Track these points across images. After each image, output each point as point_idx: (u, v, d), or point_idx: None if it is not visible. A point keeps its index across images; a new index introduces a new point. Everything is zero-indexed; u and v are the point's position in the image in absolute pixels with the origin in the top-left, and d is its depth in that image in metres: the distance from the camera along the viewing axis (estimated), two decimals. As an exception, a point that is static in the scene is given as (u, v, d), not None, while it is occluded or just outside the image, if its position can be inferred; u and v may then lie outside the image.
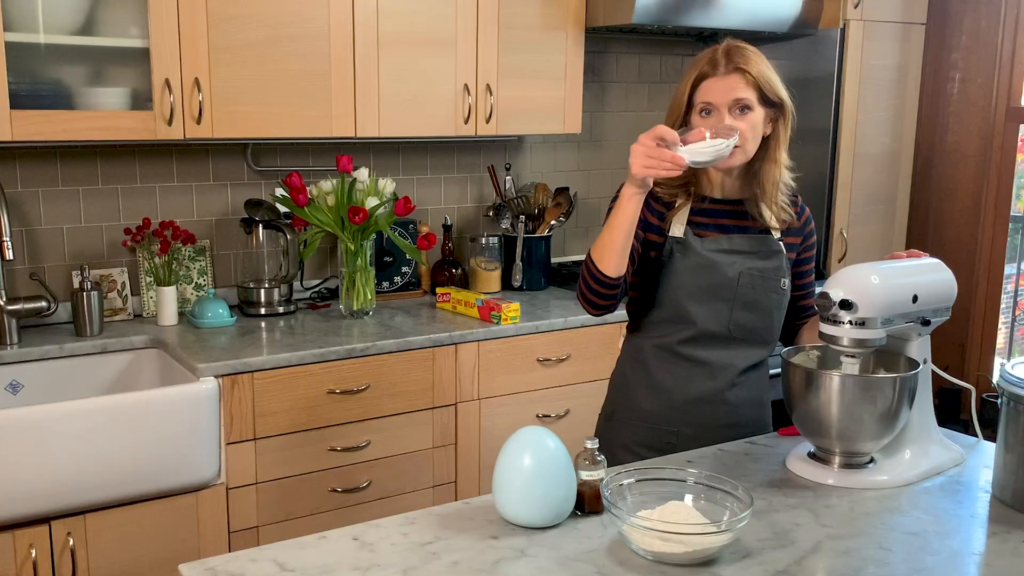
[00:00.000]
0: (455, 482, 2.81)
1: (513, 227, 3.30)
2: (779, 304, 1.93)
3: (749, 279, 1.88)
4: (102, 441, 2.20)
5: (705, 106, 1.83)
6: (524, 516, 1.46)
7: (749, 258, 1.90)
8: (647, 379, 1.95)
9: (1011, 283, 3.82)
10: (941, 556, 1.42)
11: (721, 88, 1.81)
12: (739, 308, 1.89)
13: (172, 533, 2.35)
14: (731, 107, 1.81)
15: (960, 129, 3.77)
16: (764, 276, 1.90)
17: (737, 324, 1.89)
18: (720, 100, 1.81)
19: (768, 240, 1.93)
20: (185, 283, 2.91)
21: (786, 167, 1.92)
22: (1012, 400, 1.59)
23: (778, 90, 1.85)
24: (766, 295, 1.90)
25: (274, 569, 1.34)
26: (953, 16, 3.74)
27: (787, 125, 1.89)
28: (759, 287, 1.89)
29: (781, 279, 1.92)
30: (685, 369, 1.92)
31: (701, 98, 1.83)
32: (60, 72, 2.52)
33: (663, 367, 1.93)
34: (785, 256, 1.95)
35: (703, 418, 1.92)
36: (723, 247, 1.90)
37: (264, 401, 2.46)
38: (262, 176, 3.04)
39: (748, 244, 1.92)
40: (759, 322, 1.91)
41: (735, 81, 1.81)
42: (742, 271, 1.88)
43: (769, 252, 1.92)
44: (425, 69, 2.87)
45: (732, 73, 1.81)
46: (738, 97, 1.81)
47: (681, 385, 1.92)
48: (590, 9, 3.11)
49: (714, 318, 1.88)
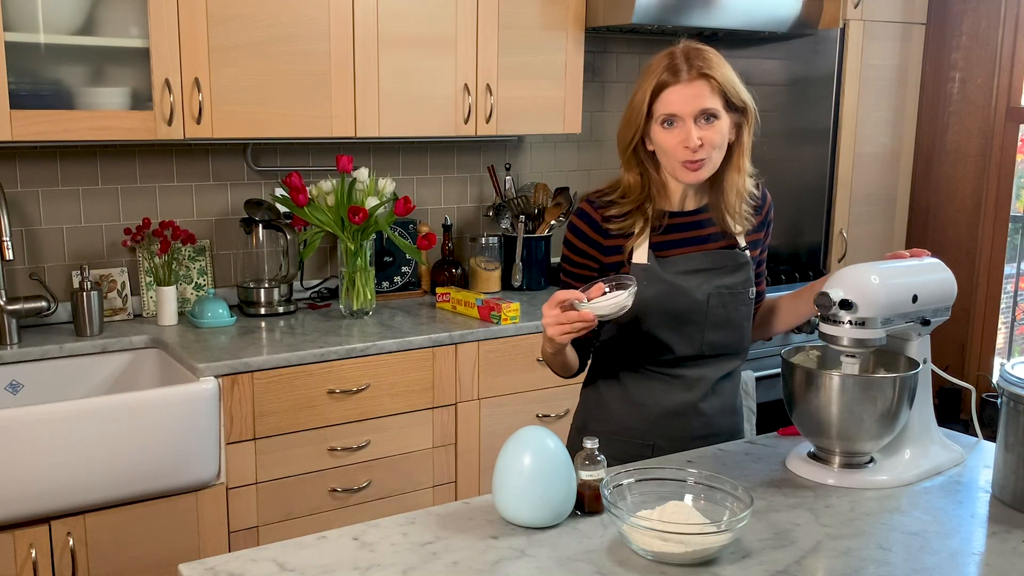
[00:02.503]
0: (455, 482, 2.81)
1: (513, 227, 3.30)
2: (748, 315, 1.88)
3: (719, 298, 1.82)
4: (102, 441, 2.20)
5: (668, 117, 1.70)
6: (524, 516, 1.46)
7: (716, 275, 1.82)
8: (621, 392, 1.89)
9: (1011, 283, 3.82)
10: (941, 556, 1.42)
11: (686, 97, 1.68)
12: (710, 329, 1.83)
13: (172, 533, 2.35)
14: (697, 117, 1.69)
15: (960, 129, 3.77)
16: (733, 292, 1.83)
17: (710, 344, 1.84)
18: (685, 111, 1.68)
19: (734, 254, 1.85)
20: (185, 283, 2.91)
21: (749, 175, 1.82)
22: (1012, 400, 1.59)
23: (742, 94, 1.73)
24: (736, 310, 1.84)
25: (274, 569, 1.34)
26: (953, 16, 3.74)
27: (751, 130, 1.77)
28: (728, 304, 1.83)
29: (749, 290, 1.86)
30: (660, 383, 1.86)
31: (663, 110, 1.70)
32: (60, 72, 2.52)
33: (637, 382, 1.87)
34: (751, 263, 1.88)
35: (678, 430, 1.87)
36: (689, 267, 1.81)
37: (264, 401, 2.46)
38: (262, 176, 3.04)
39: (713, 261, 1.83)
40: (730, 337, 1.86)
41: (700, 88, 1.68)
42: (711, 292, 1.81)
43: (735, 266, 1.85)
44: (425, 69, 2.87)
45: (696, 80, 1.68)
46: (705, 107, 1.68)
47: (656, 398, 1.86)
48: (590, 9, 3.11)
49: (686, 342, 1.83)
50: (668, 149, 1.72)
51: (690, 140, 1.69)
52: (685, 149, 1.70)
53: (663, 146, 1.73)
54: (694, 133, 1.69)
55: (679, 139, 1.70)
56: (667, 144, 1.72)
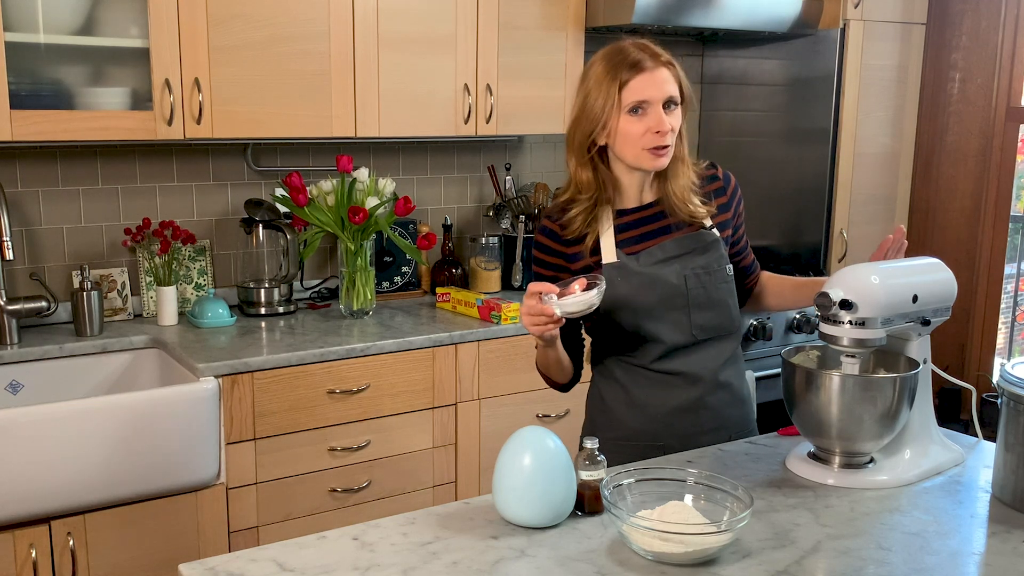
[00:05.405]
0: (455, 482, 2.81)
1: (513, 227, 3.31)
2: (731, 292, 1.89)
3: (696, 279, 1.84)
4: (102, 441, 2.19)
5: (637, 104, 1.74)
6: (524, 516, 1.46)
7: (688, 258, 1.85)
8: (625, 397, 1.89)
9: (1011, 283, 3.82)
10: (941, 556, 1.42)
11: (654, 83, 1.74)
12: (696, 311, 1.84)
13: (172, 533, 2.35)
14: (664, 103, 1.75)
15: (960, 129, 3.77)
16: (708, 271, 1.85)
17: (699, 327, 1.85)
18: (656, 95, 1.74)
19: (700, 235, 1.87)
20: (185, 283, 2.91)
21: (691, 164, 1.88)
22: (1012, 400, 1.59)
23: (688, 85, 1.81)
24: (716, 288, 1.86)
25: (274, 569, 1.34)
26: (953, 16, 3.74)
27: (686, 120, 1.83)
28: (707, 284, 1.85)
29: (725, 267, 1.88)
30: (662, 383, 1.86)
31: (632, 97, 1.74)
32: (60, 72, 2.52)
33: (639, 385, 1.87)
34: (722, 241, 1.89)
35: (688, 427, 1.87)
36: (659, 257, 1.84)
37: (264, 401, 2.46)
38: (262, 176, 3.04)
39: (682, 246, 1.85)
40: (718, 317, 1.87)
41: (666, 75, 1.75)
42: (687, 274, 1.83)
43: (705, 246, 1.87)
44: (425, 69, 2.87)
45: (661, 67, 1.75)
46: (671, 94, 1.75)
47: (661, 398, 1.86)
48: (590, 9, 3.11)
49: (676, 329, 1.84)
50: (635, 137, 1.76)
51: (662, 124, 1.74)
52: (654, 135, 1.75)
53: (630, 135, 1.76)
54: (665, 117, 1.75)
55: (648, 125, 1.75)
56: (635, 132, 1.76)
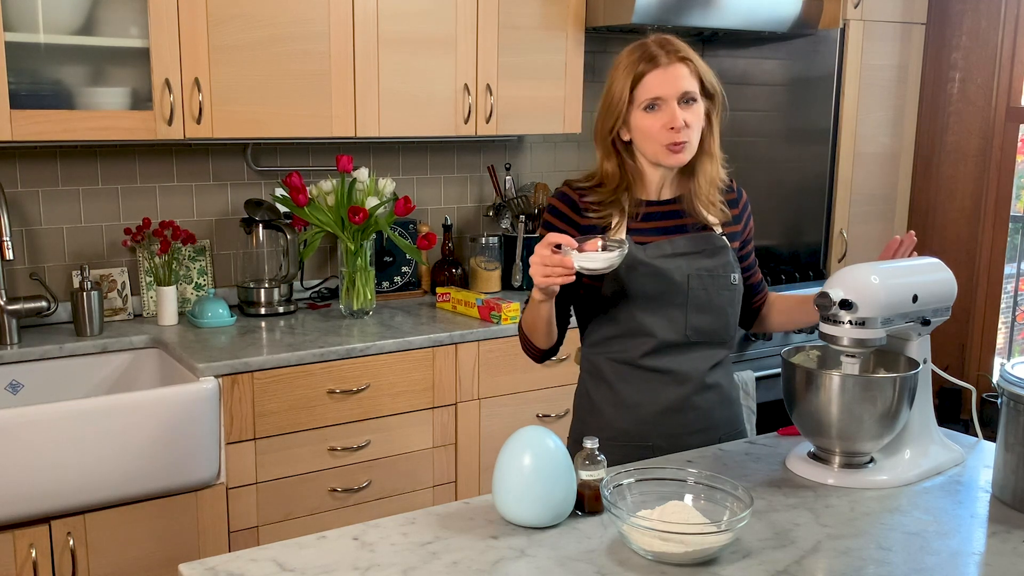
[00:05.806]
0: (455, 482, 2.81)
1: (513, 227, 3.31)
2: (732, 301, 1.87)
3: (699, 280, 1.82)
4: (102, 441, 2.20)
5: (652, 101, 1.75)
6: (524, 516, 1.46)
7: (695, 259, 1.83)
8: (613, 396, 1.87)
9: (1011, 283, 3.82)
10: (941, 556, 1.42)
11: (668, 79, 1.74)
12: (693, 312, 1.83)
13: (172, 533, 2.35)
14: (679, 99, 1.75)
15: (960, 129, 3.77)
16: (713, 275, 1.84)
17: (694, 328, 1.83)
18: (669, 92, 1.74)
19: (711, 237, 1.86)
20: (185, 283, 2.91)
21: (721, 161, 1.86)
22: (1012, 400, 1.59)
23: (714, 80, 1.80)
24: (717, 294, 1.84)
25: (274, 569, 1.34)
26: (953, 16, 3.74)
27: (719, 117, 1.83)
28: (710, 287, 1.83)
29: (731, 275, 1.86)
30: (650, 381, 1.85)
31: (646, 94, 1.75)
32: (60, 72, 2.52)
33: (627, 383, 1.86)
34: (731, 249, 1.89)
35: (675, 427, 1.86)
36: (667, 251, 1.82)
37: (264, 401, 2.46)
38: (262, 176, 3.04)
39: (692, 244, 1.84)
40: (715, 323, 1.85)
41: (681, 71, 1.75)
42: (690, 273, 1.82)
43: (714, 249, 1.85)
44: (425, 69, 2.87)
45: (676, 63, 1.75)
46: (686, 89, 1.75)
47: (649, 398, 1.85)
48: (590, 9, 3.11)
49: (670, 326, 1.82)
50: (652, 133, 1.76)
51: (676, 120, 1.74)
52: (669, 131, 1.75)
53: (646, 131, 1.77)
54: (679, 113, 1.74)
55: (663, 121, 1.75)
56: (651, 128, 1.76)
